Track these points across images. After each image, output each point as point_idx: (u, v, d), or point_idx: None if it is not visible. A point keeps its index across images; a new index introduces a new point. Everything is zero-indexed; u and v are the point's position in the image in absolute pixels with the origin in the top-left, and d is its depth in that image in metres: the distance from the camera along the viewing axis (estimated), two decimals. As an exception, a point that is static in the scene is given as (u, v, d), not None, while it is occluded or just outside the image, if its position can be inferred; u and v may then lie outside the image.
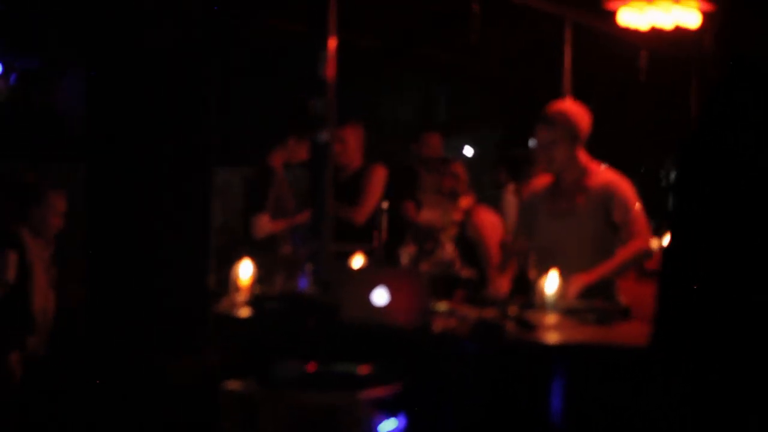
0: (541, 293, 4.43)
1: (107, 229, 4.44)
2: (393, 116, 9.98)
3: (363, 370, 4.18)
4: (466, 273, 5.99)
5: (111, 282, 4.45)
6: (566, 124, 4.86)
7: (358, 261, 5.47)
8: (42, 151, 7.54)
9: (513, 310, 4.40)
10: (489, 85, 9.23)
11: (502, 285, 4.86)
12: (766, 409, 2.50)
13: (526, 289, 4.69)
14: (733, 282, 2.58)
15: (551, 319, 4.39)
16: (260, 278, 5.00)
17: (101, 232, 4.44)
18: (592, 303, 4.61)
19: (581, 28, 7.22)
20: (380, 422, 4.06)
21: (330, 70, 4.85)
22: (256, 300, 4.62)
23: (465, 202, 5.94)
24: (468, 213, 5.86)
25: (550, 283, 4.42)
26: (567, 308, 4.47)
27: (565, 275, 4.45)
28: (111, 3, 4.33)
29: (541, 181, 5.14)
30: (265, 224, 6.71)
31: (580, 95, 8.18)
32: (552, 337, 4.19)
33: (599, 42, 7.37)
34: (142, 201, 4.41)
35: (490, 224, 5.71)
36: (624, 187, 4.92)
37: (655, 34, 6.30)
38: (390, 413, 4.12)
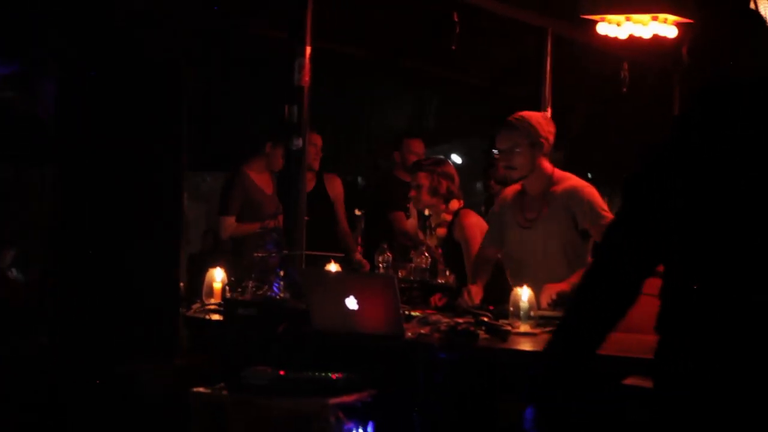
0: (515, 302, 4.42)
1: (76, 232, 4.41)
2: (384, 125, 9.99)
3: (333, 376, 4.16)
4: (442, 280, 6.01)
5: (80, 286, 4.42)
6: (526, 130, 4.84)
7: (332, 267, 5.47)
8: (22, 154, 7.52)
9: (486, 318, 4.39)
10: (476, 95, 9.24)
11: (476, 293, 4.84)
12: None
13: (500, 298, 4.68)
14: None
15: (524, 327, 4.38)
16: (232, 284, 4.99)
17: (70, 236, 4.42)
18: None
19: (564, 40, 7.23)
20: (350, 429, 4.04)
21: (305, 78, 4.84)
22: (227, 305, 4.60)
23: (455, 203, 5.94)
24: (457, 214, 5.86)
25: (523, 292, 4.41)
26: (540, 317, 4.46)
27: (536, 284, 4.44)
28: (85, 5, 4.32)
29: (510, 190, 5.12)
30: (228, 226, 6.81)
31: (564, 106, 8.24)
32: (523, 345, 4.18)
33: (582, 53, 7.39)
34: (112, 205, 4.39)
35: (477, 228, 5.70)
36: (587, 192, 4.89)
37: (636, 45, 6.31)
38: (360, 420, 4.10)
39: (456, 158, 11.76)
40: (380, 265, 5.96)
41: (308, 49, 4.86)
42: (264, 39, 6.42)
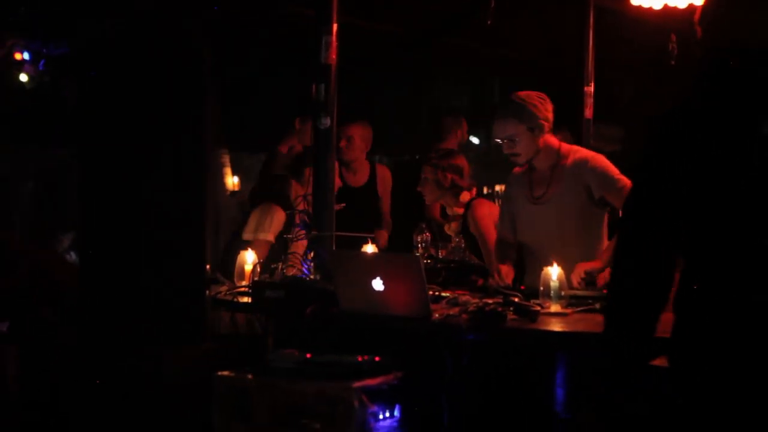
0: (545, 281, 4.32)
1: (101, 217, 4.40)
2: (447, 104, 9.87)
3: (360, 359, 4.10)
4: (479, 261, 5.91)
5: (105, 270, 4.41)
6: (524, 116, 4.74)
7: (369, 248, 5.40)
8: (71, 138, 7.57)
9: (516, 298, 4.30)
10: (518, 70, 9.08)
11: (506, 273, 4.73)
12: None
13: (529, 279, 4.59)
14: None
15: (555, 307, 4.27)
16: (263, 266, 4.95)
17: (95, 221, 4.40)
18: (600, 291, 4.48)
19: (608, 11, 7.05)
20: (375, 412, 3.97)
21: (332, 56, 4.76)
22: (255, 287, 4.56)
23: (465, 195, 5.83)
24: (468, 206, 5.75)
25: (553, 271, 4.30)
26: (572, 296, 4.35)
27: (552, 259, 4.33)
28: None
29: (519, 168, 5.01)
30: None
31: (611, 80, 8.05)
32: (554, 326, 4.08)
33: (627, 25, 7.19)
34: (137, 188, 4.36)
35: (490, 218, 5.59)
36: (597, 160, 4.81)
37: (684, 15, 6.12)
38: (386, 403, 4.04)
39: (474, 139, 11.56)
40: (419, 245, 5.88)
41: (335, 27, 4.77)
42: (294, 17, 6.34)
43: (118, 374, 4.37)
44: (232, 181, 9.70)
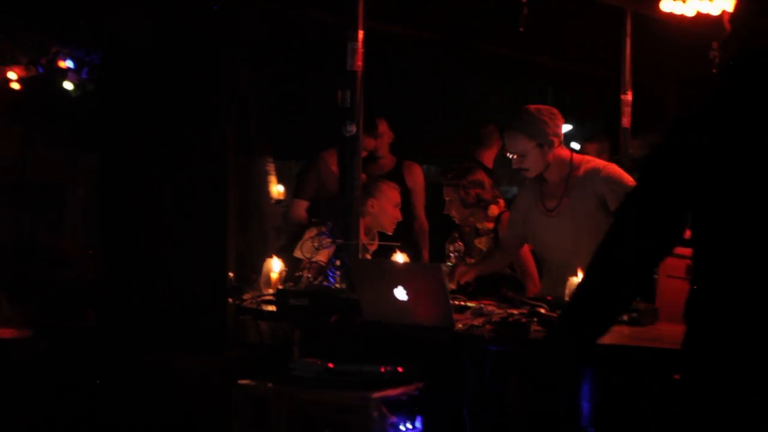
0: (572, 291, 4.23)
1: (123, 222, 4.40)
2: (485, 113, 9.80)
3: (382, 369, 4.06)
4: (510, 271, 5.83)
5: (127, 278, 4.41)
6: (534, 132, 4.68)
7: (399, 257, 5.35)
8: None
9: (542, 309, 4.23)
10: (553, 77, 9.00)
11: (460, 274, 4.72)
12: None
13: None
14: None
15: (581, 318, 4.19)
16: (289, 274, 4.92)
17: (117, 226, 4.40)
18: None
19: (646, 19, 6.95)
20: (395, 423, 3.93)
21: (358, 62, 4.72)
22: (279, 295, 4.53)
23: (494, 209, 5.75)
24: (498, 221, 5.68)
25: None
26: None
27: (568, 270, 4.26)
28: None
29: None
30: (299, 211, 6.65)
31: (652, 89, 7.93)
32: (578, 338, 3.99)
33: (667, 33, 7.08)
34: (159, 195, 4.36)
35: None
36: (610, 171, 4.75)
37: (724, 22, 6.00)
38: (407, 414, 3.99)
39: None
40: (451, 254, 5.81)
41: (361, 33, 4.74)
42: (321, 23, 6.33)
43: (138, 379, 4.37)
44: (277, 190, 9.71)
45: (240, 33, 4.70)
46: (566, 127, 11.56)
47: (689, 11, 5.56)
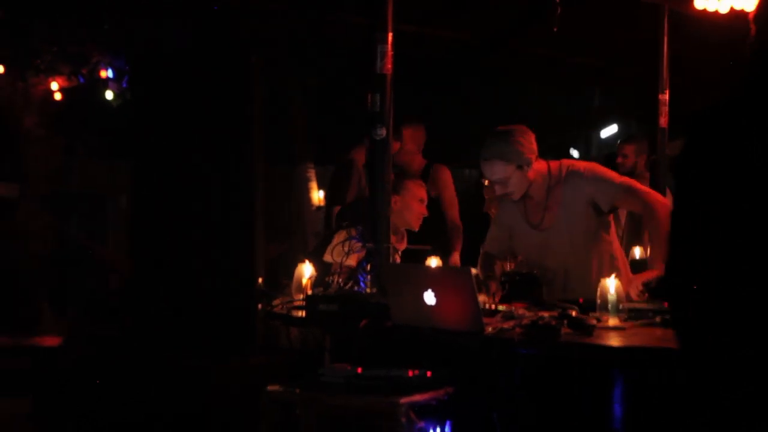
0: (603, 294, 4.18)
1: (153, 229, 4.41)
2: (547, 112, 9.73)
3: (410, 374, 4.02)
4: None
5: (157, 281, 4.41)
6: (511, 157, 4.66)
7: (433, 262, 5.32)
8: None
9: (573, 312, 4.17)
10: (591, 77, 8.92)
11: (496, 293, 4.67)
12: None
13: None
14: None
15: (613, 321, 4.13)
16: (319, 278, 4.90)
17: (147, 232, 4.41)
18: (660, 303, 4.32)
19: (685, 16, 6.85)
20: (424, 428, 3.88)
21: (388, 65, 4.70)
22: (309, 301, 4.51)
23: None
24: None
25: (610, 283, 4.16)
26: (630, 309, 4.20)
27: (566, 275, 4.24)
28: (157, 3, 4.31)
29: None
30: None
31: (688, 88, 7.81)
32: (610, 340, 3.93)
33: (704, 31, 6.98)
34: (188, 201, 4.36)
35: None
36: (592, 172, 4.75)
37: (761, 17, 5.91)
38: (436, 419, 3.95)
39: (573, 152, 11.40)
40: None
41: (390, 36, 4.71)
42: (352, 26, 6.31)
43: (166, 384, 4.37)
44: (317, 196, 9.72)
45: (273, 37, 4.68)
46: (612, 129, 11.48)
47: (723, 7, 5.47)
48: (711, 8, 5.55)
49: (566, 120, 10.57)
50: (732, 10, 5.48)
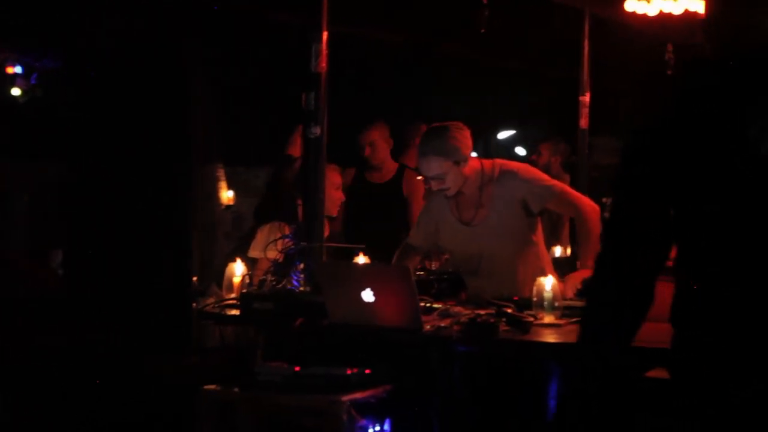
0: (539, 292, 4.23)
1: (88, 230, 4.32)
2: (446, 114, 9.76)
3: (348, 372, 4.01)
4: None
5: (91, 281, 4.33)
6: (448, 154, 4.69)
7: (360, 260, 5.31)
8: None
9: (509, 309, 4.22)
10: (514, 80, 9.01)
11: None
12: None
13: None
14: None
15: (548, 318, 4.19)
16: (252, 277, 4.86)
17: (81, 231, 4.33)
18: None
19: (604, 20, 6.98)
20: (365, 426, 3.88)
21: (322, 64, 4.68)
22: (243, 299, 4.47)
23: None
24: None
25: (547, 281, 4.22)
26: (566, 307, 4.26)
27: (492, 275, 4.30)
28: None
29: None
30: None
31: (608, 90, 7.96)
32: (546, 337, 3.99)
33: (623, 35, 7.12)
34: (123, 200, 4.29)
35: None
36: (525, 173, 4.82)
37: (681, 23, 6.05)
38: (376, 417, 3.95)
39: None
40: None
41: (325, 35, 4.69)
42: (282, 25, 6.27)
43: (102, 386, 4.29)
44: (227, 196, 9.63)
45: (202, 34, 4.62)
46: (509, 131, 11.61)
47: (652, 11, 5.59)
48: (640, 11, 5.65)
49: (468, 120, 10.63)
50: (661, 13, 5.58)
